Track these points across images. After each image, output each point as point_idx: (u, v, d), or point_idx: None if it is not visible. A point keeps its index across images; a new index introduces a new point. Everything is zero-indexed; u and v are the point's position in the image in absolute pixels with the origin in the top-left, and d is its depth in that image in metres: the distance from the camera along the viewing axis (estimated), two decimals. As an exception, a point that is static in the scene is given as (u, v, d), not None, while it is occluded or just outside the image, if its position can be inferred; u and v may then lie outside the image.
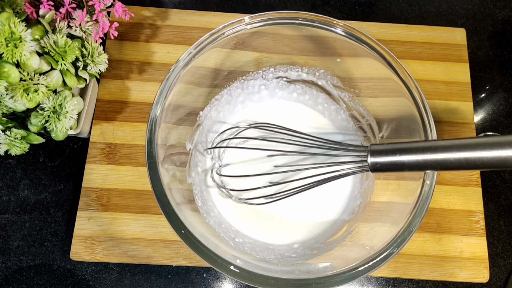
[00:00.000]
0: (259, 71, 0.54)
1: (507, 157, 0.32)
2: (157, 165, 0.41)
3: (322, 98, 0.55)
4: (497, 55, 0.64)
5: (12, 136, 0.43)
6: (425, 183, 0.40)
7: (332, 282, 0.38)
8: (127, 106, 0.57)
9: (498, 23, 0.66)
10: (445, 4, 0.66)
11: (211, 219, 0.49)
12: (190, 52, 0.45)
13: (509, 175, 0.58)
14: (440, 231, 0.53)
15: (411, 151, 0.36)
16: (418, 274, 0.52)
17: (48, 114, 0.43)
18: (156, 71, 0.59)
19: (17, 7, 0.42)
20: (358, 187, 0.52)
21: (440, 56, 0.61)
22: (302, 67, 0.54)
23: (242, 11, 0.64)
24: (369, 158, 0.39)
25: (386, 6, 0.66)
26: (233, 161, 0.53)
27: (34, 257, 0.52)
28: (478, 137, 0.34)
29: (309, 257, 0.47)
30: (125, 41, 0.59)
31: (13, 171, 0.55)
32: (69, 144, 0.56)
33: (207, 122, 0.54)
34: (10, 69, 0.38)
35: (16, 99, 0.40)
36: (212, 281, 0.52)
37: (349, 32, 0.46)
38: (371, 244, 0.41)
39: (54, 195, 0.54)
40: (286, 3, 0.66)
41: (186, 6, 0.64)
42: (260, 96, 0.56)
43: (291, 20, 0.46)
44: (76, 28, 0.45)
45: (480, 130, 0.60)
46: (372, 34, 0.46)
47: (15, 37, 0.38)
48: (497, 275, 0.54)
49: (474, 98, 0.60)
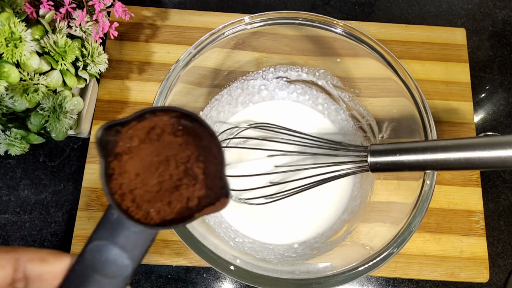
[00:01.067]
0: (259, 71, 0.54)
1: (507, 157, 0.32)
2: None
3: (322, 98, 0.55)
4: (497, 55, 0.64)
5: (12, 136, 0.43)
6: (425, 183, 0.40)
7: (332, 282, 0.38)
8: (127, 106, 0.57)
9: (498, 23, 0.66)
10: (445, 4, 0.66)
11: (211, 219, 0.49)
12: (190, 52, 0.45)
13: (509, 175, 0.58)
14: (440, 231, 0.53)
15: (411, 151, 0.36)
16: (418, 274, 0.52)
17: (48, 114, 0.43)
18: (156, 71, 0.59)
19: (17, 7, 0.42)
20: (358, 187, 0.52)
21: (440, 56, 0.61)
22: (302, 67, 0.54)
23: (242, 11, 0.64)
24: (369, 158, 0.39)
25: (386, 6, 0.66)
26: (233, 161, 0.53)
27: (34, 257, 0.52)
28: (478, 137, 0.34)
29: (309, 257, 0.47)
30: (125, 41, 0.59)
31: (13, 171, 0.55)
32: (69, 144, 0.56)
33: (207, 122, 0.53)
34: (10, 69, 0.38)
35: (16, 99, 0.40)
36: (212, 281, 0.52)
37: (349, 32, 0.46)
38: (371, 244, 0.41)
39: (54, 195, 0.54)
40: (286, 3, 0.66)
41: (186, 6, 0.64)
42: (260, 96, 0.56)
43: (291, 20, 0.46)
44: (76, 28, 0.45)
45: (480, 130, 0.60)
46: (372, 34, 0.46)
47: (15, 37, 0.38)
48: (497, 275, 0.54)
49: (474, 98, 0.60)
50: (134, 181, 0.23)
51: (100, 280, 0.21)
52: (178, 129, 0.23)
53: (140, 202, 0.22)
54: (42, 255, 0.22)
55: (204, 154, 0.23)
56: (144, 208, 0.22)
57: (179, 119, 0.23)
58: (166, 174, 0.23)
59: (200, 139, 0.23)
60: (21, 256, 0.22)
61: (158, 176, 0.23)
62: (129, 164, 0.23)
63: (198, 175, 0.23)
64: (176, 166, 0.23)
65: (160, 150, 0.23)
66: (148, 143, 0.23)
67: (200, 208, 0.23)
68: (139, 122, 0.23)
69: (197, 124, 0.23)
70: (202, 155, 0.23)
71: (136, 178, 0.23)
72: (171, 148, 0.23)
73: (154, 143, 0.23)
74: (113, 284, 0.22)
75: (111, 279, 0.22)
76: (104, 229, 0.22)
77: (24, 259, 0.22)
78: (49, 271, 0.22)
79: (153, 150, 0.23)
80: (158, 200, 0.23)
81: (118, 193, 0.22)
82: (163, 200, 0.23)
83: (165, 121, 0.23)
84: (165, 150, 0.23)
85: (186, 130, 0.23)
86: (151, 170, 0.23)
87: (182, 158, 0.23)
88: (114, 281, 0.22)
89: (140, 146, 0.23)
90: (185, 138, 0.23)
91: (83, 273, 0.21)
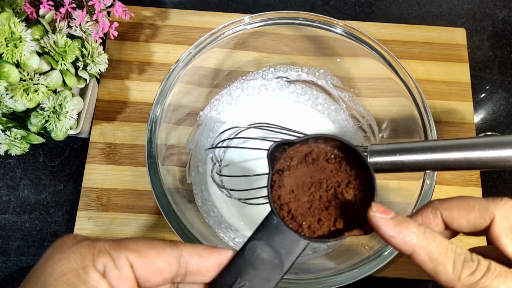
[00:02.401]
0: (259, 71, 0.54)
1: (507, 157, 0.32)
2: (157, 165, 0.41)
3: (322, 98, 0.55)
4: (497, 55, 0.64)
5: (12, 136, 0.43)
6: (425, 183, 0.40)
7: (332, 282, 0.38)
8: (127, 106, 0.57)
9: (498, 23, 0.66)
10: (445, 4, 0.66)
11: (211, 219, 0.49)
12: (190, 52, 0.45)
13: (509, 175, 0.58)
14: (440, 231, 0.53)
15: (411, 151, 0.36)
16: (418, 274, 0.52)
17: (48, 114, 0.43)
18: (156, 71, 0.59)
19: (17, 7, 0.42)
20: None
21: (440, 56, 0.61)
22: (302, 67, 0.54)
23: (242, 11, 0.64)
24: (369, 158, 0.39)
25: (386, 6, 0.66)
26: (233, 161, 0.53)
27: (34, 257, 0.52)
28: (478, 137, 0.34)
29: (309, 257, 0.47)
30: (125, 41, 0.59)
31: (13, 171, 0.55)
32: (69, 144, 0.56)
33: (207, 122, 0.54)
34: (10, 69, 0.38)
35: (16, 99, 0.40)
36: (212, 281, 0.52)
37: (349, 32, 0.46)
38: (371, 244, 0.41)
39: (54, 195, 0.54)
40: (286, 3, 0.66)
41: (186, 6, 0.64)
42: (260, 96, 0.56)
43: (291, 20, 0.46)
44: (76, 28, 0.45)
45: (480, 130, 0.60)
46: (372, 34, 0.46)
47: (15, 37, 0.38)
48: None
49: (474, 98, 0.60)
50: (288, 195, 0.26)
51: (254, 275, 0.24)
52: (331, 157, 0.27)
53: (295, 214, 0.26)
54: (199, 250, 0.24)
55: (354, 182, 0.26)
56: (298, 220, 0.25)
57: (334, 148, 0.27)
58: (317, 194, 0.26)
59: (353, 168, 0.27)
60: (184, 252, 0.23)
61: (310, 195, 0.26)
62: (287, 180, 0.27)
63: (347, 199, 0.26)
64: (327, 189, 0.26)
65: (313, 173, 0.27)
66: (304, 165, 0.27)
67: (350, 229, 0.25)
68: (301, 145, 0.27)
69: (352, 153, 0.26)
70: (352, 182, 0.26)
71: (290, 193, 0.26)
72: (323, 172, 0.27)
73: (309, 165, 0.27)
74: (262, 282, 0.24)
75: (264, 277, 0.24)
76: (264, 231, 0.25)
77: (186, 255, 0.23)
78: (205, 265, 0.24)
79: (308, 172, 0.27)
80: (309, 216, 0.26)
81: (277, 203, 0.26)
82: (314, 217, 0.26)
83: (321, 148, 0.27)
84: (318, 174, 0.27)
85: (339, 158, 0.27)
86: (304, 188, 0.26)
87: (333, 183, 0.26)
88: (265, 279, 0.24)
89: (297, 166, 0.27)
90: (337, 165, 0.27)
91: (241, 266, 0.24)
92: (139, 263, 0.22)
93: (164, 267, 0.22)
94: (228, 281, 0.24)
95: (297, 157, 0.27)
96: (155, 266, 0.22)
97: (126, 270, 0.21)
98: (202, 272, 0.24)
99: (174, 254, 0.23)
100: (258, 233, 0.25)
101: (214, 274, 0.24)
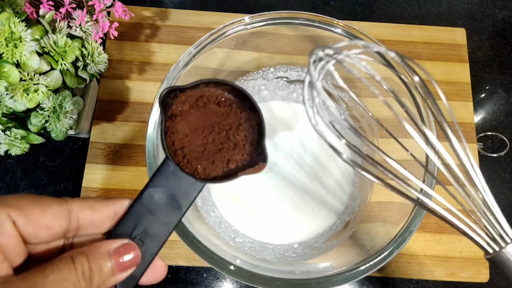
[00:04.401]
0: (259, 71, 0.54)
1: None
2: (157, 165, 0.41)
3: (322, 98, 0.55)
4: (497, 55, 0.64)
5: (12, 136, 0.43)
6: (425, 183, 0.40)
7: (332, 282, 0.38)
8: (127, 106, 0.57)
9: (498, 23, 0.66)
10: (445, 4, 0.66)
11: (211, 219, 0.49)
12: (190, 52, 0.45)
13: (509, 175, 0.58)
14: (440, 231, 0.53)
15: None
16: (418, 274, 0.52)
17: (48, 114, 0.43)
18: (156, 71, 0.59)
19: (17, 7, 0.42)
20: (358, 187, 0.52)
21: (440, 56, 0.61)
22: (302, 67, 0.54)
23: (242, 11, 0.64)
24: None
25: (386, 6, 0.66)
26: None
27: (34, 257, 0.52)
28: None
29: (309, 257, 0.47)
30: (125, 41, 0.59)
31: (13, 171, 0.55)
32: (69, 144, 0.56)
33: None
34: (10, 69, 0.38)
35: (16, 99, 0.40)
36: (212, 281, 0.52)
37: (349, 32, 0.46)
38: (371, 244, 0.41)
39: (54, 195, 0.54)
40: (286, 3, 0.66)
41: (186, 6, 0.64)
42: (260, 96, 0.56)
43: (291, 20, 0.46)
44: (76, 28, 0.45)
45: (480, 130, 0.60)
46: (372, 34, 0.46)
47: (15, 37, 0.38)
48: (497, 275, 0.54)
49: (474, 98, 0.60)
50: (182, 140, 0.27)
51: (153, 220, 0.25)
52: (221, 100, 0.28)
53: (190, 158, 0.26)
54: (90, 204, 0.24)
55: (244, 124, 0.27)
56: (193, 164, 0.26)
57: (224, 92, 0.28)
58: (210, 137, 0.27)
59: (243, 111, 0.28)
60: (73, 208, 0.23)
61: (203, 138, 0.27)
62: (180, 125, 0.27)
63: (238, 141, 0.27)
64: (219, 132, 0.27)
65: (205, 117, 0.27)
66: (196, 109, 0.27)
67: (242, 169, 0.26)
68: (192, 90, 0.27)
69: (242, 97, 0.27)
70: (243, 124, 0.27)
71: (184, 137, 0.27)
72: (215, 116, 0.28)
73: (201, 109, 0.28)
74: (162, 226, 0.25)
75: (163, 222, 0.25)
76: (160, 177, 0.26)
77: (76, 210, 0.23)
78: (98, 218, 0.24)
79: (200, 116, 0.27)
80: (203, 158, 0.27)
81: (172, 149, 0.26)
82: (208, 159, 0.27)
83: (211, 92, 0.28)
84: (210, 117, 0.27)
85: (230, 101, 0.28)
86: (197, 132, 0.27)
87: (224, 126, 0.27)
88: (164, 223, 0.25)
89: (190, 110, 0.27)
90: (228, 108, 0.28)
91: (139, 213, 0.25)
92: (22, 220, 0.21)
93: (51, 223, 0.22)
94: (126, 229, 0.25)
95: (189, 101, 0.27)
96: (42, 222, 0.22)
97: (8, 227, 0.21)
98: (97, 225, 0.24)
99: (63, 210, 0.23)
100: (155, 180, 0.26)
101: (110, 225, 0.25)
